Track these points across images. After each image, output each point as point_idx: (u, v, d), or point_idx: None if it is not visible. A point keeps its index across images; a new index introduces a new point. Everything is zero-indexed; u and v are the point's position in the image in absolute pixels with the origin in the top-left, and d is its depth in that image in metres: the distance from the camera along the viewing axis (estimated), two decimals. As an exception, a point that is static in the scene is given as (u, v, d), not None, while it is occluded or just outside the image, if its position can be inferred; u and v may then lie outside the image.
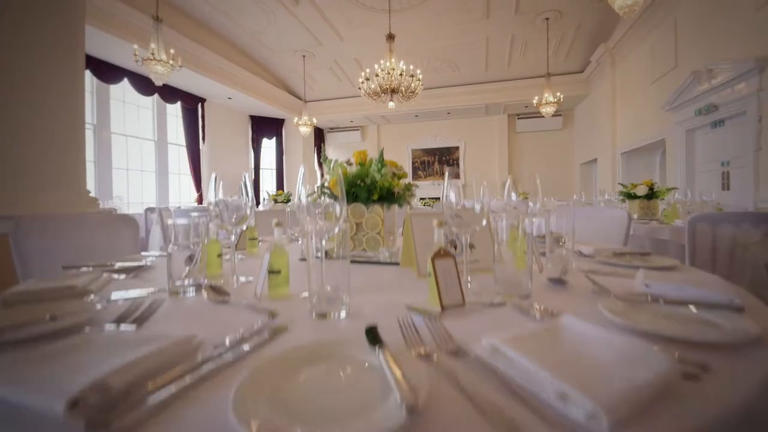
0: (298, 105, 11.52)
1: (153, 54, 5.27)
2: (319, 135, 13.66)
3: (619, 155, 8.17)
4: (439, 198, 12.45)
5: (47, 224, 1.25)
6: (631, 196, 2.80)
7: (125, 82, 7.64)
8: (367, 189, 1.00)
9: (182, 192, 9.84)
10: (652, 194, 2.72)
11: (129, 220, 1.54)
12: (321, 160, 1.18)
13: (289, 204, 4.07)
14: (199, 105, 9.75)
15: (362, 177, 1.01)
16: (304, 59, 9.64)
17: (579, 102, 10.85)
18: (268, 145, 12.39)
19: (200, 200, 9.77)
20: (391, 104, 6.69)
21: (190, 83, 8.69)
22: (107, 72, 7.32)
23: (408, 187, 1.11)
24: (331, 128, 13.91)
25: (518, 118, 12.09)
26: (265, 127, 11.96)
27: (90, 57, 6.88)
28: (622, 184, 2.92)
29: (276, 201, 3.99)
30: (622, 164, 8.11)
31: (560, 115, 11.41)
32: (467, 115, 12.20)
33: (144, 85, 7.85)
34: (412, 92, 6.54)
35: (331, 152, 14.26)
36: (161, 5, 6.50)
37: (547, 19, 7.68)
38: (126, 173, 8.31)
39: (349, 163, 1.17)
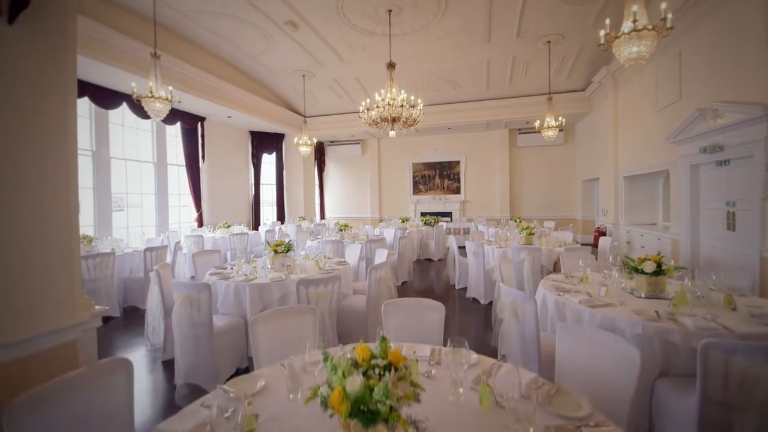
0: (299, 120, 11.45)
1: (152, 92, 5.20)
2: (320, 148, 13.60)
3: (622, 179, 8.10)
4: (439, 214, 12.42)
5: (40, 403, 1.20)
6: (638, 271, 2.74)
7: (124, 106, 7.57)
8: (370, 416, 0.95)
9: (182, 212, 9.78)
10: (660, 271, 2.67)
11: (122, 363, 1.49)
12: (321, 351, 1.14)
13: (290, 255, 4.00)
14: (199, 124, 9.69)
15: (365, 403, 0.96)
16: (304, 78, 9.57)
17: (581, 119, 10.77)
18: (268, 159, 12.32)
19: (200, 221, 9.71)
20: (392, 133, 6.61)
21: (190, 105, 8.63)
22: (106, 98, 7.26)
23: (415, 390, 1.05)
24: (332, 141, 13.84)
25: (519, 133, 12.01)
26: (265, 142, 11.89)
27: (88, 83, 6.83)
28: (628, 258, 2.86)
29: (276, 252, 3.93)
30: (624, 188, 8.04)
31: (561, 130, 11.31)
32: (468, 129, 12.12)
33: (143, 109, 7.78)
34: (414, 121, 6.46)
35: (331, 165, 14.22)
36: (160, 32, 6.43)
37: (549, 42, 7.60)
38: (125, 197, 8.26)
39: (351, 355, 1.12)
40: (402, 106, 6.14)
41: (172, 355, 3.35)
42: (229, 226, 8.25)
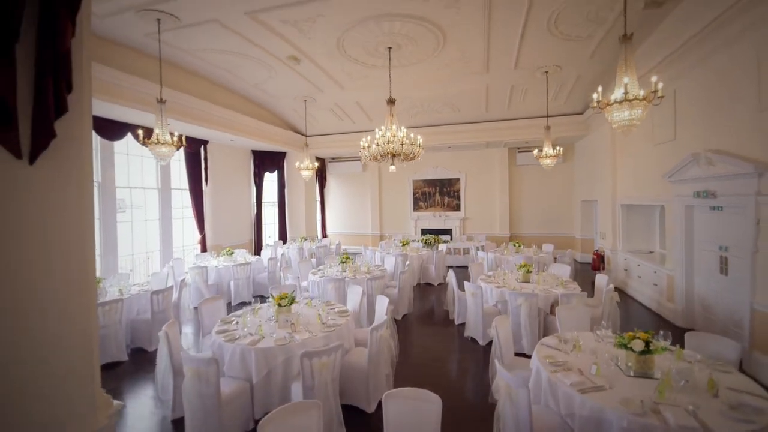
0: (300, 141, 11.59)
1: (158, 138, 5.34)
2: (321, 165, 13.71)
3: (619, 206, 8.20)
4: (439, 231, 12.54)
5: None
6: (626, 347, 2.86)
7: (129, 136, 7.70)
8: None
9: (185, 233, 9.91)
10: (647, 351, 2.78)
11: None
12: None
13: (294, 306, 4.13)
14: (202, 147, 9.82)
15: None
16: (305, 103, 9.70)
17: (579, 139, 10.87)
18: (270, 178, 12.45)
19: (203, 243, 9.85)
20: (392, 168, 6.73)
21: (193, 131, 8.76)
22: (111, 130, 7.40)
23: None
24: (333, 158, 13.97)
25: (518, 152, 12.12)
26: (267, 161, 12.01)
27: (93, 117, 6.94)
28: (618, 335, 2.97)
29: (280, 305, 4.05)
30: (622, 215, 8.14)
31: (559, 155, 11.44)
32: (468, 148, 12.24)
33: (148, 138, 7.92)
34: (414, 156, 6.57)
35: (332, 181, 14.34)
36: (164, 64, 6.55)
37: (546, 72, 7.71)
38: (130, 225, 8.40)
39: None
40: (402, 143, 6.25)
41: (181, 414, 3.47)
42: (232, 254, 8.37)
